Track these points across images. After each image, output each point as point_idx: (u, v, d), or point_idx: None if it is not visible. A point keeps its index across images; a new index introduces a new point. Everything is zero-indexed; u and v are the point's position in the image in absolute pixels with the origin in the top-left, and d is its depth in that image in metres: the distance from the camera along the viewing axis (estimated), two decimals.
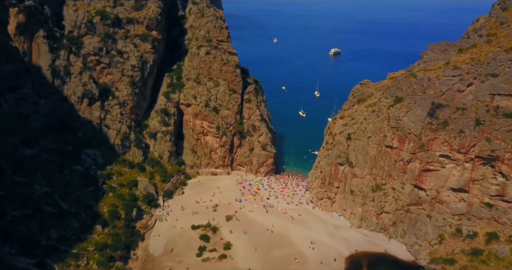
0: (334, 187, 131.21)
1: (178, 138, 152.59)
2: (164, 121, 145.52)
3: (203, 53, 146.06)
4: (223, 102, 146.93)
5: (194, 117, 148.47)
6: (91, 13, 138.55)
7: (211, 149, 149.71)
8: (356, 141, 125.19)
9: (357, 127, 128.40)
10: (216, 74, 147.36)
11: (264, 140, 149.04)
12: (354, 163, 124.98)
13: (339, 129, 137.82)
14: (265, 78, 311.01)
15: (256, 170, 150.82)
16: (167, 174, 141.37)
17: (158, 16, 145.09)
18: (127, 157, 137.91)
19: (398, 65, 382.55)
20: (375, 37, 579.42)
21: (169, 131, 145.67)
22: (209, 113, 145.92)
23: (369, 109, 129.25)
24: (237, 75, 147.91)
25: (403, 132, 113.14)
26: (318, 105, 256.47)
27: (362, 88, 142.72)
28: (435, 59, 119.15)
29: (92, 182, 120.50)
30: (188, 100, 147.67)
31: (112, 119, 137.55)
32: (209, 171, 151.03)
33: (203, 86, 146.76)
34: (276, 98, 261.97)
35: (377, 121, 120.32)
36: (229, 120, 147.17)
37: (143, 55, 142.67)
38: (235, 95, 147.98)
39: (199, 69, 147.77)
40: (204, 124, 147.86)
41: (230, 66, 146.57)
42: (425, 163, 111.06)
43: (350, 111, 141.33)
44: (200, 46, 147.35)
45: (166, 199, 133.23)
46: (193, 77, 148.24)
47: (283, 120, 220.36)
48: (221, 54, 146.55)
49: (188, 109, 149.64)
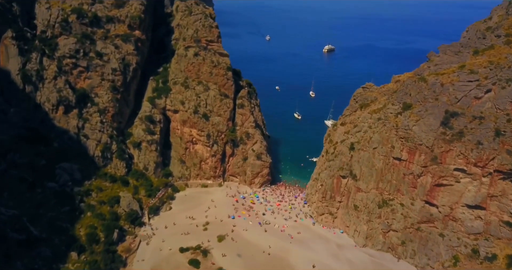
0: (336, 202, 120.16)
1: (165, 147, 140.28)
2: (149, 129, 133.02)
3: (191, 55, 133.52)
4: (214, 108, 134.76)
5: (182, 124, 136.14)
6: (66, 11, 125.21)
7: (201, 159, 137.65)
8: (360, 152, 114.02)
9: (360, 136, 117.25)
10: (205, 77, 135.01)
11: (259, 148, 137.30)
12: (358, 176, 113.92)
13: (340, 137, 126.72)
14: (258, 77, 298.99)
15: (250, 181, 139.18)
16: (153, 187, 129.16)
17: (141, 14, 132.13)
18: (108, 170, 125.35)
19: (393, 63, 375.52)
20: (369, 33, 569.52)
21: (154, 140, 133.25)
22: (198, 120, 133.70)
23: (373, 116, 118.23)
24: (228, 78, 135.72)
25: (413, 143, 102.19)
26: (313, 106, 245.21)
27: (364, 92, 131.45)
28: (447, 62, 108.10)
29: (68, 201, 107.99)
30: (175, 106, 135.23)
31: (91, 128, 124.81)
32: (199, 183, 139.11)
33: (192, 90, 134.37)
34: (269, 99, 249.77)
35: (384, 130, 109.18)
36: (220, 128, 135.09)
37: (125, 57, 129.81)
38: (227, 100, 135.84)
39: (187, 72, 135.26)
40: (193, 132, 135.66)
41: (221, 69, 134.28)
42: (438, 177, 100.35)
43: (352, 117, 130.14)
44: (188, 47, 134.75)
45: (151, 216, 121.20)
46: (181, 80, 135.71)
47: (277, 123, 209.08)
48: (211, 55, 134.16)
49: (175, 115, 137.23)
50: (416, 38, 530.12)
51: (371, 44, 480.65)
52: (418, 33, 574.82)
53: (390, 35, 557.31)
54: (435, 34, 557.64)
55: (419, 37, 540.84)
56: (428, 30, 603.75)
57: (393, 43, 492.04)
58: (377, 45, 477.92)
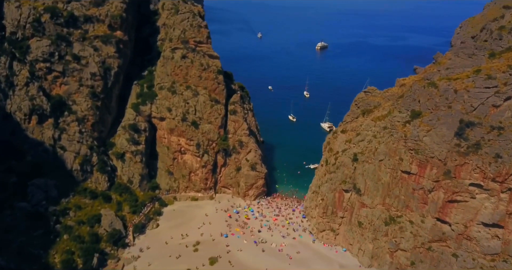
0: (338, 217, 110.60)
1: (151, 158, 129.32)
2: (133, 138, 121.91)
3: (178, 57, 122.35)
4: (204, 114, 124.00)
5: (169, 133, 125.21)
6: (39, 10, 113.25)
7: (190, 170, 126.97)
8: (364, 164, 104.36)
9: (364, 146, 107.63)
10: (194, 81, 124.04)
11: (253, 158, 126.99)
12: (363, 190, 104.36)
13: (341, 146, 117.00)
14: (250, 77, 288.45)
15: (244, 193, 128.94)
16: (138, 202, 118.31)
17: (122, 12, 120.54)
18: (88, 184, 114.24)
19: (388, 61, 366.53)
20: (361, 29, 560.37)
21: (139, 151, 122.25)
22: (187, 128, 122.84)
23: (378, 123, 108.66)
24: (219, 83, 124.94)
25: (424, 156, 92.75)
26: (308, 107, 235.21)
27: (367, 97, 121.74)
28: (460, 65, 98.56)
29: (41, 223, 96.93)
30: (162, 113, 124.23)
31: (69, 139, 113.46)
32: (188, 196, 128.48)
33: (179, 96, 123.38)
34: (262, 100, 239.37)
35: (391, 141, 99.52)
36: (211, 136, 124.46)
37: (105, 60, 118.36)
38: (218, 106, 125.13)
39: (174, 76, 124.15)
40: (182, 141, 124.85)
41: (211, 72, 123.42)
42: (451, 193, 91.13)
43: (353, 124, 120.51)
44: (174, 49, 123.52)
45: (137, 235, 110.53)
46: (167, 85, 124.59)
47: (271, 126, 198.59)
48: (200, 57, 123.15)
49: (161, 123, 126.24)
50: (409, 35, 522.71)
51: (364, 41, 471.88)
52: (410, 29, 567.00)
53: (382, 31, 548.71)
54: (427, 30, 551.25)
55: (412, 33, 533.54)
56: (419, 26, 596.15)
57: (386, 40, 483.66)
58: (370, 41, 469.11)
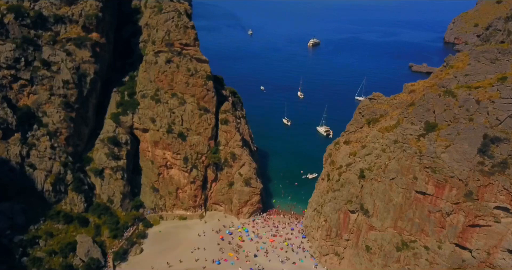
0: (343, 240, 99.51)
1: (134, 173, 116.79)
2: (113, 153, 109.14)
3: (162, 62, 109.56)
4: (192, 125, 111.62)
5: (154, 145, 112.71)
6: (1, 9, 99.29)
7: (177, 186, 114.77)
8: (373, 182, 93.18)
9: (371, 160, 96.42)
10: (181, 88, 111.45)
11: (247, 172, 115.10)
12: (371, 212, 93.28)
13: (345, 159, 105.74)
14: (241, 77, 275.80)
15: (237, 210, 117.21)
16: (120, 225, 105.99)
17: (98, 12, 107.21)
18: (62, 206, 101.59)
19: (383, 58, 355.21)
20: (353, 25, 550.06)
21: (120, 167, 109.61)
22: (173, 141, 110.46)
23: (386, 135, 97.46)
24: (209, 89, 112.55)
25: (443, 175, 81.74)
26: (303, 109, 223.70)
27: (372, 104, 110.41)
28: (481, 72, 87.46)
29: (4, 256, 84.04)
30: (145, 123, 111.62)
31: (39, 155, 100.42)
32: (176, 214, 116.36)
33: (164, 105, 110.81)
34: (254, 102, 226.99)
35: (403, 157, 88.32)
36: (200, 149, 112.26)
37: (79, 65, 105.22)
38: (208, 115, 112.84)
39: (158, 82, 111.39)
40: (167, 154, 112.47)
41: (199, 78, 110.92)
42: (473, 217, 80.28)
43: (358, 134, 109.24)
44: (158, 52, 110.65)
45: (117, 263, 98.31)
46: (150, 93, 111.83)
47: (264, 130, 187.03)
48: (186, 62, 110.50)
49: (145, 135, 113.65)
50: (400, 30, 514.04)
51: (356, 37, 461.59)
52: (402, 24, 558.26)
53: (373, 26, 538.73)
54: (419, 25, 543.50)
55: (403, 28, 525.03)
56: (411, 20, 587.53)
57: (379, 36, 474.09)
58: (362, 37, 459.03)
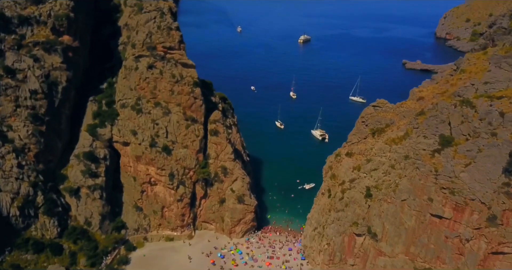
0: (348, 265, 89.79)
1: (115, 190, 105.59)
2: (89, 170, 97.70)
3: (143, 67, 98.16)
4: (178, 137, 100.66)
5: (136, 160, 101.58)
6: None
7: (163, 204, 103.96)
8: (382, 202, 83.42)
9: (379, 177, 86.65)
10: (165, 97, 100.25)
11: (240, 188, 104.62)
12: (380, 236, 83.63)
13: (348, 174, 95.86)
14: (230, 76, 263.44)
15: (229, 229, 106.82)
16: (99, 250, 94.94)
17: (70, 12, 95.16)
18: (32, 233, 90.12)
19: (375, 55, 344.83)
20: (342, 20, 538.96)
21: (98, 185, 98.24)
22: (156, 156, 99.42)
23: (393, 147, 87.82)
24: (196, 97, 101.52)
25: (462, 197, 72.30)
26: (296, 110, 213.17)
27: (376, 112, 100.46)
28: (504, 79, 77.93)
29: None
30: (125, 136, 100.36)
31: (4, 176, 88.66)
32: (162, 235, 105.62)
33: (146, 115, 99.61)
34: (245, 103, 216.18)
35: (416, 176, 78.63)
36: (187, 163, 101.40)
37: (49, 73, 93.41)
38: (195, 125, 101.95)
39: (139, 90, 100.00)
40: (151, 170, 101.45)
41: (185, 85, 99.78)
42: (496, 243, 71.05)
43: (361, 146, 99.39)
44: (139, 57, 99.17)
45: None
46: (131, 102, 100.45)
47: (256, 134, 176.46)
48: (171, 67, 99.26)
49: (125, 149, 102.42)
50: (391, 25, 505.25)
51: (347, 33, 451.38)
52: (392, 19, 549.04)
53: (363, 22, 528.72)
54: (409, 20, 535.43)
55: (395, 24, 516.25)
56: (401, 15, 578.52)
57: (370, 31, 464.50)
58: (353, 33, 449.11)
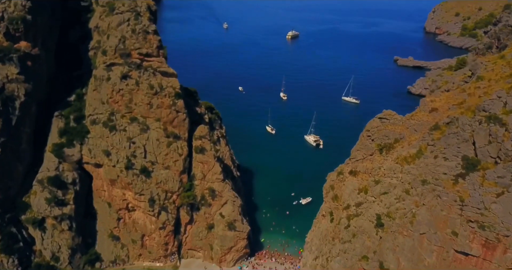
0: None
1: (87, 217, 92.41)
2: (56, 197, 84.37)
3: (116, 77, 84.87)
4: (158, 157, 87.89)
5: (110, 184, 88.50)
6: None
7: (143, 232, 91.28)
8: (396, 235, 72.10)
9: (391, 203, 75.19)
10: (142, 111, 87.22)
11: (231, 213, 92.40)
12: None
13: (353, 196, 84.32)
14: (216, 75, 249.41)
15: (219, 258, 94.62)
16: None
17: (26, 14, 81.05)
18: None
19: (367, 51, 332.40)
20: (331, 14, 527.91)
21: (66, 215, 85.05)
22: (134, 179, 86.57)
23: (405, 168, 76.54)
24: (178, 110, 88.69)
25: (494, 233, 61.23)
26: (287, 112, 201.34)
27: (383, 125, 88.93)
28: None
29: None
30: (97, 157, 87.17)
31: None
32: (143, 267, 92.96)
33: (121, 133, 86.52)
34: (232, 105, 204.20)
35: (438, 205, 67.37)
36: (169, 186, 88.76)
37: (4, 86, 79.40)
38: (178, 143, 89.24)
39: (113, 104, 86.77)
40: (128, 195, 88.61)
41: (165, 97, 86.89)
42: None
43: (367, 164, 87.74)
44: (111, 65, 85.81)
45: None
46: (103, 118, 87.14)
47: (246, 140, 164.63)
48: (148, 77, 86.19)
49: (98, 171, 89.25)
50: (380, 20, 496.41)
51: (336, 28, 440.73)
52: (381, 13, 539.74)
53: (353, 16, 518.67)
54: (398, 14, 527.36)
55: (383, 18, 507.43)
56: (389, 9, 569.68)
57: (358, 26, 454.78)
58: (342, 28, 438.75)
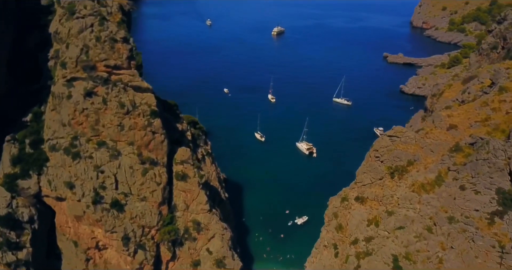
0: None
1: (51, 258, 78.57)
2: (8, 240, 70.13)
3: (79, 95, 70.86)
4: (132, 187, 74.44)
5: (76, 220, 74.83)
6: None
7: None
8: None
9: (409, 242, 63.46)
10: (112, 134, 73.47)
11: (220, 249, 79.62)
12: None
13: (362, 228, 72.48)
14: (199, 76, 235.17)
15: None
16: None
17: None
18: None
19: (353, 48, 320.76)
20: (316, 9, 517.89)
21: (22, 261, 70.94)
22: (104, 215, 72.99)
23: (424, 197, 65.21)
24: (155, 131, 75.27)
25: None
26: (276, 116, 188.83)
27: (394, 145, 76.95)
28: None
29: None
30: (59, 190, 73.28)
31: None
32: None
33: (86, 161, 72.63)
34: (218, 109, 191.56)
35: (471, 250, 55.94)
36: (146, 221, 75.51)
37: None
38: (156, 169, 75.91)
39: (76, 126, 72.78)
40: (98, 232, 75.05)
41: (139, 116, 73.36)
42: None
43: (377, 190, 75.74)
44: (72, 80, 71.73)
45: None
46: (64, 143, 73.08)
47: (234, 149, 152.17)
48: (118, 93, 72.36)
49: (61, 204, 75.41)
50: (366, 14, 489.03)
51: (322, 23, 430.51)
52: (366, 8, 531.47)
53: (338, 11, 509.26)
54: (384, 8, 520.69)
55: (369, 13, 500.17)
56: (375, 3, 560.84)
57: (344, 21, 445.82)
58: (328, 24, 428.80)
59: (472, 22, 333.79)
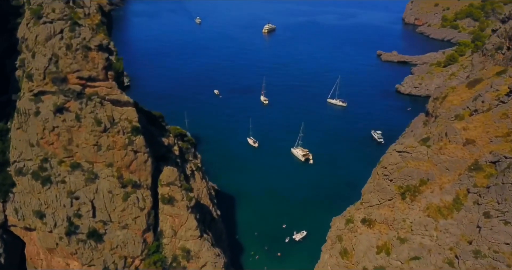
0: None
1: None
2: None
3: (48, 111, 61.89)
4: (112, 214, 65.83)
5: (49, 252, 66.05)
6: None
7: None
8: None
9: None
10: (87, 155, 64.65)
11: None
12: None
13: (370, 256, 65.20)
14: (188, 77, 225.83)
15: None
16: None
17: None
18: None
19: (346, 46, 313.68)
20: (306, 5, 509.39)
21: None
22: (80, 246, 64.34)
23: (441, 224, 58.14)
24: (137, 150, 66.62)
25: None
26: (270, 120, 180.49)
27: (404, 162, 69.37)
28: None
29: None
30: (27, 219, 64.37)
31: None
32: None
33: (59, 186, 63.78)
34: (208, 112, 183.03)
35: None
36: (129, 251, 67.05)
37: None
38: (139, 192, 67.36)
39: (46, 146, 63.82)
40: (73, 265, 66.33)
41: (119, 134, 64.64)
42: None
43: (386, 211, 68.35)
44: (40, 94, 62.69)
45: None
46: (33, 165, 64.12)
47: (225, 157, 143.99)
48: (93, 108, 63.49)
49: (30, 235, 66.55)
50: (358, 11, 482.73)
51: (313, 20, 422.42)
52: (357, 4, 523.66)
53: (329, 7, 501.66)
54: (375, 4, 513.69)
55: (360, 9, 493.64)
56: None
57: (336, 18, 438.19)
58: (319, 21, 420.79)
59: (465, 18, 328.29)
